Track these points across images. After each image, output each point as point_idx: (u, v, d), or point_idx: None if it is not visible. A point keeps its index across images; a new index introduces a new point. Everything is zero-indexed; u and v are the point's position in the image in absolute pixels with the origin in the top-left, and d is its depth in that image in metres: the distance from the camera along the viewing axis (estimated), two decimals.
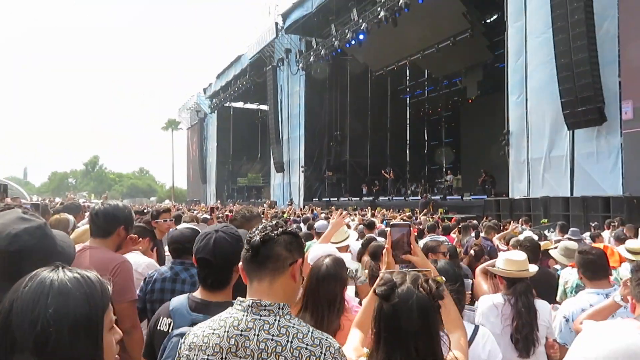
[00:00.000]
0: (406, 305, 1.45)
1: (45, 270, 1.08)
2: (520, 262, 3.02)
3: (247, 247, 1.60)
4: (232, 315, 1.53)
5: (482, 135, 23.94)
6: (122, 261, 2.55)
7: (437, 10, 20.58)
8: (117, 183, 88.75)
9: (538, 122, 14.81)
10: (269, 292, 1.55)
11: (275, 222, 1.66)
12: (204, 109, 45.92)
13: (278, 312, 1.51)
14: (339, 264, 2.35)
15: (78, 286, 1.06)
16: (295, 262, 1.60)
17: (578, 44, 12.55)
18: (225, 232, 2.01)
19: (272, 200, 32.13)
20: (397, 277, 1.54)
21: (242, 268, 1.62)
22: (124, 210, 2.70)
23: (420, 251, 1.94)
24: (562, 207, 13.05)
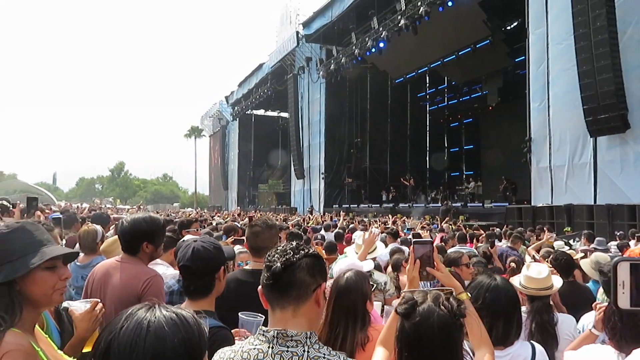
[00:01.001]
0: (427, 324, 1.44)
1: (141, 309, 1.01)
2: (541, 279, 2.91)
3: (267, 274, 1.50)
4: (256, 347, 1.44)
5: (503, 142, 23.73)
6: (153, 275, 2.57)
7: (457, 17, 20.53)
8: (141, 189, 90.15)
9: (560, 129, 14.66)
10: (293, 320, 1.46)
11: (295, 244, 1.57)
12: (226, 116, 46.44)
13: (306, 342, 1.42)
14: (361, 277, 2.32)
15: (175, 330, 0.98)
16: (319, 287, 1.52)
17: (600, 51, 12.41)
18: (203, 241, 2.09)
19: (293, 207, 32.30)
20: (418, 296, 1.52)
21: (262, 293, 1.53)
22: (144, 226, 2.61)
23: (444, 267, 1.92)
24: (587, 215, 12.88)
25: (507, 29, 23.79)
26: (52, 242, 1.63)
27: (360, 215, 22.17)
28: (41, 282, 1.54)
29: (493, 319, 2.13)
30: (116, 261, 2.66)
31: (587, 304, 3.65)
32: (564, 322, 2.82)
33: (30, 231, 1.59)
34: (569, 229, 12.22)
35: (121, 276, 2.54)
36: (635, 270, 0.68)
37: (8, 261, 1.50)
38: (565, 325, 2.82)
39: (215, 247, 2.10)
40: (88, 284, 2.68)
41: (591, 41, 12.56)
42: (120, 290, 2.46)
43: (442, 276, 1.87)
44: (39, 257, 1.52)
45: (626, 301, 0.69)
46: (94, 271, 2.72)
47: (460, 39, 23.37)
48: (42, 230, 1.63)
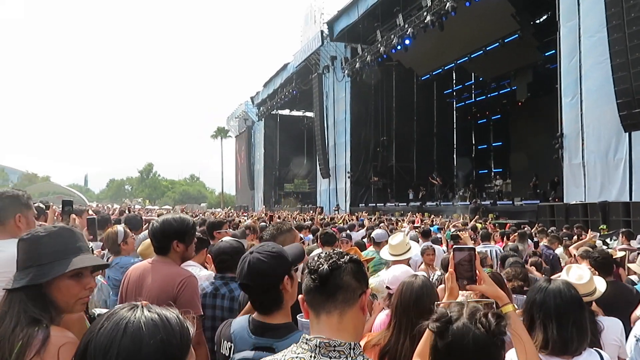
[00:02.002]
0: (461, 345, 1.33)
1: (124, 309, 0.99)
2: (582, 285, 2.70)
3: (313, 277, 1.44)
4: (298, 356, 1.39)
5: (533, 138, 23.27)
6: (188, 276, 2.55)
7: (485, 12, 20.19)
8: (169, 189, 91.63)
9: (594, 124, 14.26)
10: (338, 327, 1.40)
11: (339, 251, 1.53)
12: (251, 117, 46.79)
13: (349, 353, 1.35)
14: (430, 282, 2.26)
15: (154, 331, 0.95)
16: (364, 293, 1.47)
17: (635, 43, 12.04)
18: (260, 252, 1.88)
19: (320, 206, 32.30)
20: (453, 311, 1.41)
21: (304, 300, 1.48)
22: (173, 224, 2.60)
23: (488, 278, 1.79)
24: (623, 213, 12.49)
25: (536, 22, 23.25)
26: (84, 251, 1.65)
27: (387, 214, 22.01)
28: (65, 290, 1.57)
29: (544, 322, 2.02)
30: (149, 263, 2.67)
31: (630, 306, 3.50)
32: (609, 327, 2.68)
33: (65, 237, 1.62)
34: (604, 227, 11.85)
35: (156, 278, 2.54)
36: None
37: (38, 264, 1.54)
38: (611, 330, 2.68)
39: (274, 255, 1.88)
40: (123, 287, 2.70)
41: (625, 33, 12.19)
42: (156, 292, 2.45)
43: (486, 289, 1.73)
44: (66, 265, 1.55)
45: None
46: (127, 274, 2.74)
47: (487, 34, 22.99)
48: (77, 238, 1.65)
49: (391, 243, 4.05)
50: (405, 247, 4.01)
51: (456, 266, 1.77)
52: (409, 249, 4.03)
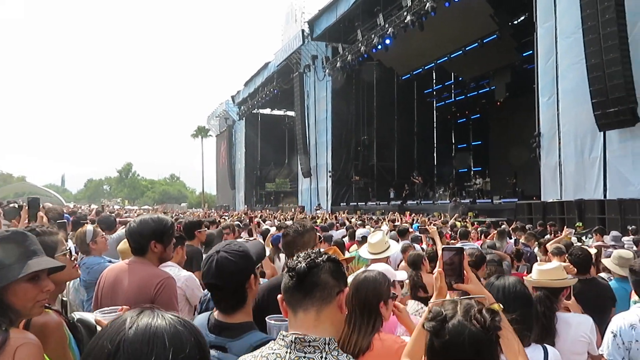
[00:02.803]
0: (457, 342, 1.32)
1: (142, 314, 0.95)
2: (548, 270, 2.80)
3: (291, 275, 1.47)
4: (275, 352, 1.41)
5: (511, 137, 23.56)
6: (166, 277, 2.52)
7: (464, 12, 20.39)
8: (149, 189, 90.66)
9: (570, 124, 14.53)
10: (315, 324, 1.43)
11: (318, 250, 1.57)
12: (232, 116, 46.54)
13: (324, 349, 1.38)
14: (381, 277, 2.25)
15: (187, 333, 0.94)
16: (342, 291, 1.50)
17: (609, 44, 12.28)
18: (227, 251, 1.86)
19: (301, 205, 32.28)
20: (447, 309, 1.40)
21: (283, 299, 1.50)
22: (151, 224, 2.57)
23: (475, 277, 1.80)
24: (598, 211, 12.76)
25: (514, 23, 23.57)
26: (39, 253, 1.63)
27: (368, 213, 22.11)
28: (22, 293, 1.56)
29: None
30: (126, 264, 2.62)
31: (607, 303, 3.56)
32: (579, 324, 2.71)
33: (19, 241, 1.60)
34: (580, 224, 12.09)
35: (133, 279, 2.49)
36: None
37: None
38: (580, 327, 2.72)
39: (241, 255, 1.86)
40: (98, 288, 2.64)
41: (600, 34, 12.43)
42: (133, 294, 2.41)
43: (472, 287, 1.76)
44: (21, 269, 1.53)
45: None
46: (103, 275, 2.69)
47: (467, 34, 23.25)
48: (31, 241, 1.64)
49: (370, 242, 4.07)
50: (385, 245, 4.02)
51: (444, 265, 1.78)
52: (388, 247, 4.04)
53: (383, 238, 4.07)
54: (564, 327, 2.64)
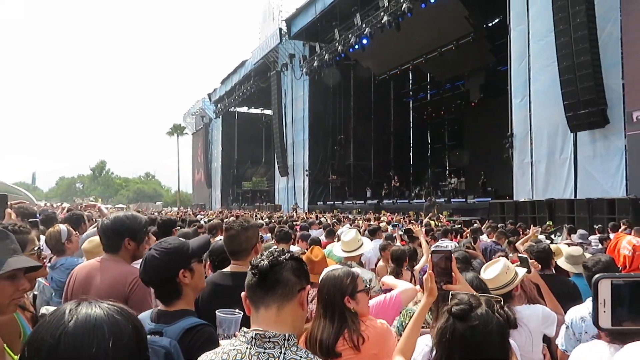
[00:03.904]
0: (486, 329, 1.41)
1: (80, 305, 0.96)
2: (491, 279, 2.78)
3: (253, 272, 1.51)
4: (236, 348, 1.44)
5: (485, 138, 23.94)
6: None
7: (439, 14, 20.65)
8: (123, 188, 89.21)
9: (541, 125, 14.85)
10: (276, 320, 1.47)
11: (281, 248, 1.64)
12: (209, 114, 46.16)
13: (284, 344, 1.42)
14: (343, 272, 2.28)
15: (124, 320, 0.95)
16: (304, 289, 1.54)
17: (580, 47, 12.59)
18: (156, 248, 1.96)
19: (278, 204, 32.25)
20: (472, 299, 1.49)
21: (246, 296, 1.54)
22: (126, 222, 2.57)
23: (462, 278, 1.90)
24: (567, 210, 13.06)
25: (488, 25, 24.01)
26: (17, 252, 1.63)
27: (345, 212, 22.20)
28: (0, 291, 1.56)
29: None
30: (97, 262, 2.58)
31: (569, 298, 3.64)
32: (530, 316, 2.75)
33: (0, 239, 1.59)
34: (550, 223, 12.36)
35: (106, 277, 2.46)
36: (617, 289, 0.66)
37: None
38: (531, 318, 2.78)
39: (168, 251, 1.93)
40: (68, 288, 2.60)
41: (571, 37, 12.73)
42: (105, 292, 2.36)
43: (461, 287, 1.84)
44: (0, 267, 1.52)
45: (607, 320, 0.66)
46: (73, 273, 2.63)
47: (442, 35, 23.53)
48: (11, 239, 1.63)
49: (343, 240, 4.10)
50: (358, 243, 4.06)
51: (435, 267, 1.85)
52: (361, 245, 4.08)
53: (356, 236, 4.11)
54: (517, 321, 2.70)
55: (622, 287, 0.67)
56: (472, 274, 2.49)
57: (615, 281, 0.67)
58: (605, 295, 0.67)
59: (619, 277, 0.68)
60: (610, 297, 0.66)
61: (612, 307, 0.66)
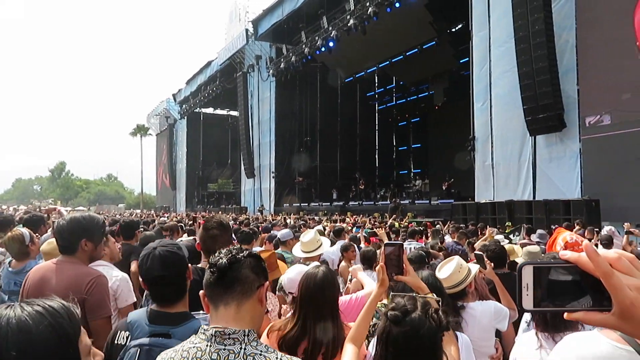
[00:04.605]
0: (417, 334, 1.49)
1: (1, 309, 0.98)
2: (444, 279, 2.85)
3: (212, 270, 1.52)
4: (196, 346, 1.45)
5: (449, 140, 24.41)
6: (97, 275, 2.45)
7: (405, 19, 20.97)
8: (84, 190, 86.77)
9: (502, 128, 15.25)
10: (235, 317, 1.48)
11: (239, 246, 1.63)
12: (173, 114, 45.44)
13: (244, 340, 1.43)
14: (333, 273, 2.33)
15: (40, 319, 0.96)
16: (262, 285, 1.56)
17: (539, 53, 13.01)
18: (165, 245, 1.98)
19: (244, 206, 32.03)
20: (408, 302, 1.56)
21: (205, 294, 1.55)
22: (82, 222, 2.52)
23: (412, 270, 1.97)
24: (526, 211, 13.45)
25: (452, 31, 24.51)
26: None
27: (311, 214, 22.25)
28: None
29: None
30: (53, 263, 2.52)
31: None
32: (483, 311, 2.86)
33: None
34: (509, 223, 12.71)
35: (62, 278, 2.40)
36: (538, 273, 0.72)
37: None
38: (486, 314, 2.85)
39: (178, 247, 2.01)
40: (23, 290, 2.52)
41: (530, 44, 13.14)
42: (62, 294, 2.31)
43: (410, 279, 1.92)
44: None
45: (530, 302, 0.73)
46: (28, 276, 2.56)
47: (407, 39, 23.91)
48: None
49: (302, 240, 4.13)
50: (317, 243, 4.10)
51: (386, 259, 1.92)
52: (320, 245, 4.12)
53: (315, 236, 4.15)
54: (471, 317, 2.81)
55: (541, 271, 0.73)
56: (428, 272, 2.56)
57: (536, 266, 0.73)
58: (527, 280, 0.73)
59: (539, 263, 0.74)
60: (532, 281, 0.72)
61: (533, 290, 0.73)
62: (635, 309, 0.67)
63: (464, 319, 2.78)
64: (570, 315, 0.73)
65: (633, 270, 0.69)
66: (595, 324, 0.73)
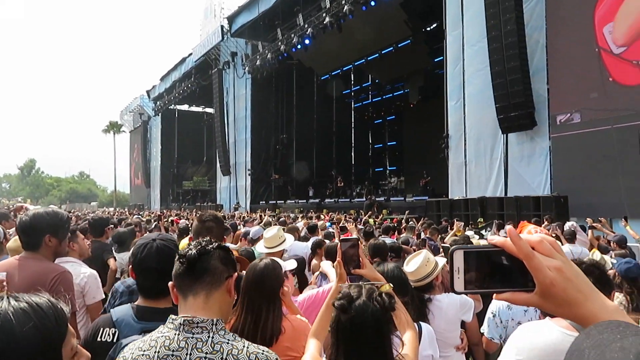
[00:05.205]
0: (362, 319, 1.56)
1: None
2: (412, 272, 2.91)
3: (182, 261, 1.55)
4: (164, 335, 1.47)
5: (424, 138, 24.68)
6: (61, 272, 2.44)
7: (380, 17, 21.10)
8: (55, 188, 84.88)
9: (475, 126, 15.49)
10: (204, 307, 1.51)
11: (208, 238, 1.67)
12: (147, 111, 44.79)
13: (212, 329, 1.46)
14: (277, 264, 2.37)
15: (25, 319, 0.93)
16: (231, 276, 1.59)
17: (510, 53, 13.24)
18: (163, 239, 1.99)
19: (219, 203, 31.81)
20: (354, 291, 1.63)
21: (174, 285, 1.57)
22: (46, 217, 2.50)
23: (369, 263, 2.05)
24: (497, 207, 13.69)
25: (427, 29, 24.75)
26: None
27: (287, 211, 22.23)
28: None
29: None
30: (16, 260, 2.48)
31: None
32: (449, 304, 2.92)
33: None
34: (481, 220, 12.94)
35: (25, 275, 2.37)
36: (467, 258, 0.76)
37: None
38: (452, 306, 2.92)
39: (175, 243, 2.03)
40: None
41: (502, 43, 13.36)
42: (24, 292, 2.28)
43: (367, 272, 1.99)
44: None
45: (461, 285, 0.76)
46: None
47: (383, 38, 24.06)
48: None
49: (265, 236, 4.14)
50: (280, 239, 4.11)
51: (343, 254, 1.98)
52: (283, 241, 4.13)
53: (278, 232, 4.16)
54: (437, 309, 2.88)
55: (471, 256, 0.76)
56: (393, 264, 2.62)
57: (467, 251, 0.76)
58: (459, 264, 0.76)
59: (469, 248, 0.78)
60: (462, 265, 0.76)
61: (464, 274, 0.76)
62: (554, 288, 0.71)
63: (431, 311, 2.84)
64: (498, 296, 0.77)
65: (553, 253, 0.73)
66: (521, 304, 0.77)
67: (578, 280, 0.72)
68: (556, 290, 0.71)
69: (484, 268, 0.76)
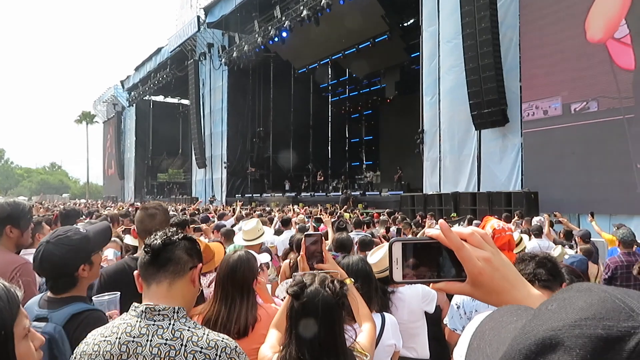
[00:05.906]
0: (313, 304, 1.61)
1: None
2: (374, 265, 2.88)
3: (146, 250, 1.58)
4: (126, 322, 1.49)
5: (399, 133, 24.85)
6: (22, 263, 2.41)
7: (357, 11, 21.12)
8: (25, 179, 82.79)
9: (449, 122, 15.69)
10: (166, 295, 1.53)
11: (175, 229, 1.69)
12: (121, 102, 44.02)
13: (173, 316, 1.49)
14: (251, 255, 2.41)
15: None
16: (196, 267, 1.62)
17: (484, 50, 13.44)
18: (56, 243, 1.85)
19: (195, 196, 31.51)
20: (307, 279, 1.69)
21: (139, 274, 1.59)
22: (6, 208, 2.47)
23: (331, 258, 2.10)
24: (470, 202, 13.93)
25: (403, 25, 24.89)
26: None
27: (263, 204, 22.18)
28: None
29: None
30: None
31: None
32: (411, 296, 2.97)
33: None
34: (454, 214, 13.15)
35: None
36: (405, 249, 0.79)
37: None
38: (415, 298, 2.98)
39: (71, 248, 1.85)
40: None
41: (477, 41, 13.55)
42: None
43: (329, 266, 2.05)
44: None
45: (399, 275, 0.80)
46: None
47: (360, 32, 24.08)
48: None
49: (244, 229, 4.16)
50: (258, 232, 4.15)
51: (307, 249, 2.03)
52: (262, 234, 4.18)
53: (257, 225, 4.19)
54: (400, 300, 2.93)
55: (408, 247, 0.80)
56: (358, 256, 2.67)
57: (404, 243, 0.80)
58: (397, 255, 0.79)
59: (407, 240, 0.81)
60: (401, 256, 0.79)
61: (402, 264, 0.79)
62: (483, 277, 0.75)
63: (394, 303, 2.89)
64: (434, 285, 0.82)
65: (483, 244, 0.77)
66: (454, 292, 0.82)
67: (505, 269, 0.76)
68: (484, 279, 0.75)
69: (421, 259, 0.80)
